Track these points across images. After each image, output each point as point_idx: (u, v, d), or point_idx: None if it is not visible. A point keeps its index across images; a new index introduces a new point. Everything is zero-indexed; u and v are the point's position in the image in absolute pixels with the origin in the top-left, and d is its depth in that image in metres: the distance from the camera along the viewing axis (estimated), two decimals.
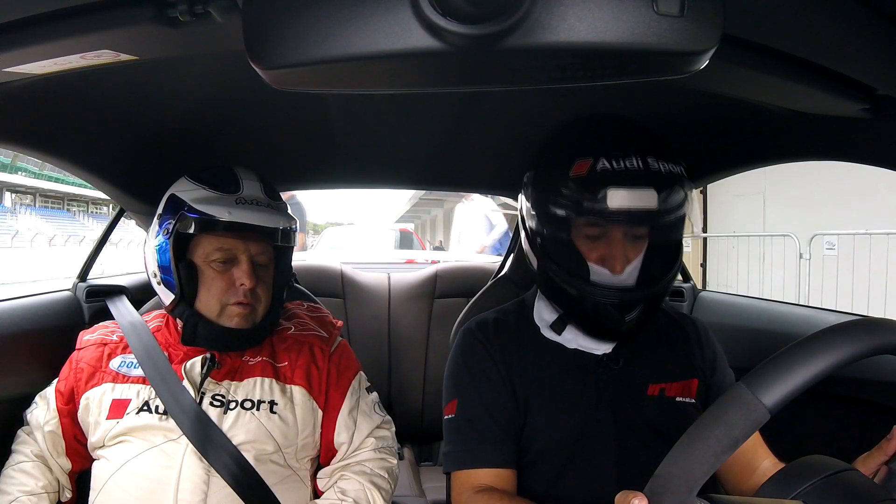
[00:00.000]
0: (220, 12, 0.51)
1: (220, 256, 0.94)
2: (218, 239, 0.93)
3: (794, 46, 0.59)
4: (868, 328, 0.48)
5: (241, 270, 0.94)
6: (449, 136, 1.19)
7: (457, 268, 2.01)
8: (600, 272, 0.82)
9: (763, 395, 0.45)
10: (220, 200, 0.93)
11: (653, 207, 0.76)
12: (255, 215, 0.93)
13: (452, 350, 0.95)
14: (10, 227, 23.63)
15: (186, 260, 0.94)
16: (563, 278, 0.82)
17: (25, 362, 0.99)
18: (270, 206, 0.96)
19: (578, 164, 0.77)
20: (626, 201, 0.75)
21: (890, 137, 0.73)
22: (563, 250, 0.83)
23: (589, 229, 0.81)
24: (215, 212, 0.91)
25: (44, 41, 0.55)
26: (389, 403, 1.83)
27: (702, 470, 0.45)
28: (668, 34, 0.44)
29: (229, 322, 0.94)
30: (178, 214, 0.92)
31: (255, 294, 0.95)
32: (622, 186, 0.75)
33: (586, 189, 0.77)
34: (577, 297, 0.82)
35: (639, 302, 0.81)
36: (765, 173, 5.00)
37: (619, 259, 0.81)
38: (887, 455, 0.61)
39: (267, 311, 0.98)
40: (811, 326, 1.17)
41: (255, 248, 0.95)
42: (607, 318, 0.81)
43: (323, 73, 0.48)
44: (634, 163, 0.76)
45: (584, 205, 0.78)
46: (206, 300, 0.94)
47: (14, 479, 0.93)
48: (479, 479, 0.85)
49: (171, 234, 0.92)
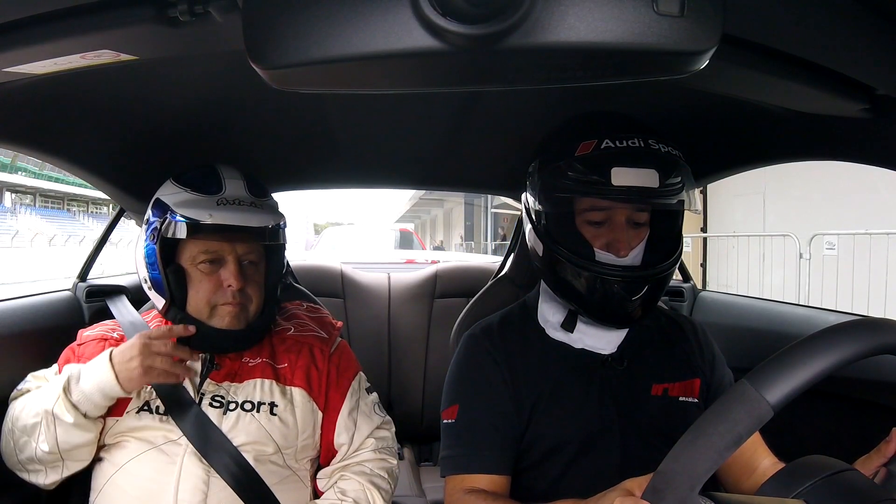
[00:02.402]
0: (220, 12, 0.51)
1: (206, 258, 0.93)
2: (203, 242, 0.93)
3: (794, 46, 0.59)
4: (871, 328, 0.48)
5: (228, 271, 0.93)
6: (449, 136, 1.19)
7: (457, 268, 2.01)
8: (605, 257, 0.83)
9: (767, 393, 0.45)
10: (201, 203, 0.92)
11: (655, 186, 0.78)
12: (238, 215, 0.91)
13: (456, 354, 0.95)
14: (10, 227, 23.64)
15: (175, 264, 0.94)
16: (571, 259, 0.83)
17: (25, 362, 0.99)
18: (254, 205, 0.94)
19: (583, 145, 0.80)
20: (630, 179, 0.77)
21: (890, 137, 0.74)
22: (568, 236, 0.85)
23: (592, 214, 0.83)
24: (196, 215, 0.90)
25: (44, 41, 0.56)
26: (389, 404, 1.83)
27: (705, 466, 0.45)
28: (668, 34, 0.44)
29: (221, 323, 0.94)
30: (163, 219, 0.92)
31: (244, 294, 0.95)
32: (625, 165, 0.78)
33: (591, 168, 0.79)
34: (584, 278, 0.83)
35: (643, 283, 0.82)
36: (765, 173, 5.01)
37: (623, 243, 0.82)
38: (886, 457, 0.61)
39: (260, 309, 0.98)
40: (811, 326, 1.17)
41: (241, 249, 0.95)
42: (614, 300, 0.82)
43: (323, 73, 0.48)
44: (637, 142, 0.78)
45: (588, 184, 0.80)
46: (195, 303, 0.94)
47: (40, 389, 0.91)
48: (474, 483, 0.85)
49: (157, 240, 0.92)
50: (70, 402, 0.85)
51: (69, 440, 0.86)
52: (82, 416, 0.85)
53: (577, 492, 0.85)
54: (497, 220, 15.03)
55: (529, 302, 0.98)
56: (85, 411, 0.85)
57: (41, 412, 0.85)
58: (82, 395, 0.85)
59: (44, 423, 0.85)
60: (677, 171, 0.81)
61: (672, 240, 0.87)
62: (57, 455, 0.87)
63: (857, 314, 1.32)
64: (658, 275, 0.83)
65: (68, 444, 0.86)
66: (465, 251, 14.62)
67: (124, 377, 0.85)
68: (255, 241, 0.95)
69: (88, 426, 0.87)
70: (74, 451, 0.88)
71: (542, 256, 0.88)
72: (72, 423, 0.84)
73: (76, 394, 0.85)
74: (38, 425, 0.85)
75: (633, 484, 0.58)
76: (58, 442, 0.85)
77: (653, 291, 0.83)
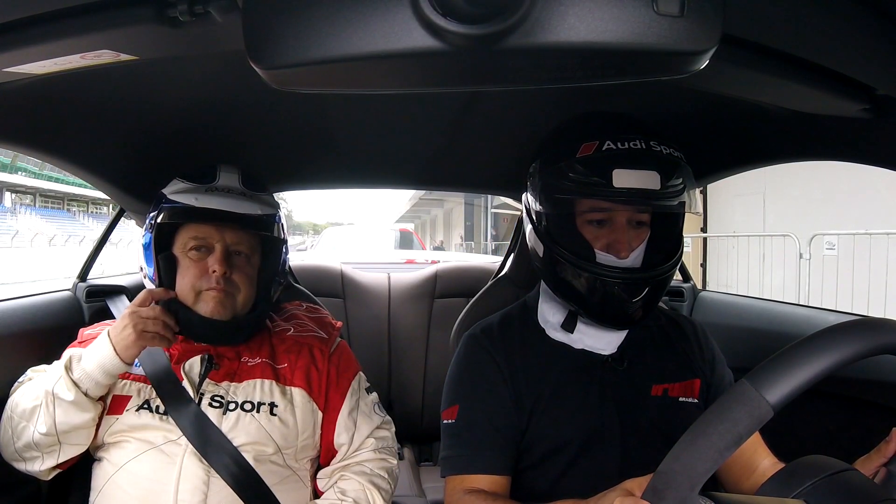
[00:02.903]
0: (220, 12, 0.51)
1: (195, 244, 0.96)
2: (193, 227, 0.96)
3: (794, 46, 0.59)
4: (871, 328, 0.48)
5: (214, 258, 0.95)
6: (449, 136, 1.19)
7: (457, 268, 2.01)
8: (606, 258, 0.83)
9: (767, 393, 0.45)
10: (191, 189, 0.96)
11: (657, 188, 0.78)
12: (224, 201, 0.94)
13: (456, 354, 0.95)
14: (10, 227, 23.63)
15: (168, 252, 0.97)
16: (571, 260, 0.83)
17: (25, 362, 0.99)
18: (244, 195, 0.97)
19: (584, 147, 0.80)
20: (631, 181, 0.77)
21: (890, 137, 0.74)
22: (569, 237, 0.85)
23: (593, 214, 0.83)
24: (184, 199, 0.94)
25: (44, 41, 0.56)
26: (389, 403, 1.83)
27: (705, 466, 0.45)
28: (668, 34, 0.44)
29: (205, 308, 0.94)
30: (158, 208, 0.96)
31: (230, 282, 0.95)
32: (626, 167, 0.78)
33: (592, 169, 0.79)
34: (585, 279, 0.83)
35: (644, 285, 0.82)
36: (765, 173, 5.00)
37: (624, 244, 0.82)
38: (886, 457, 0.61)
39: (250, 303, 0.98)
40: (811, 326, 1.17)
41: (231, 237, 0.96)
42: (615, 302, 0.82)
43: (323, 73, 0.48)
44: (638, 143, 0.78)
45: (590, 185, 0.80)
46: (181, 287, 0.95)
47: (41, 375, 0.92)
48: (474, 484, 0.85)
49: (154, 228, 0.96)
50: (71, 380, 0.86)
51: (68, 420, 0.86)
52: (83, 395, 0.86)
53: (577, 492, 0.85)
54: (497, 220, 15.03)
55: (529, 302, 0.98)
56: (86, 389, 0.87)
57: (41, 394, 0.87)
58: (83, 372, 0.86)
59: (43, 405, 0.86)
60: (679, 172, 0.81)
61: (673, 240, 0.87)
62: (54, 437, 0.87)
63: (857, 314, 1.32)
64: (658, 276, 0.83)
65: (66, 425, 0.87)
66: (465, 251, 14.63)
67: (121, 347, 0.87)
68: (243, 228, 0.96)
69: (87, 406, 0.88)
70: (72, 434, 0.88)
71: (543, 257, 0.88)
72: (72, 400, 0.85)
73: (77, 371, 0.87)
74: (38, 408, 0.86)
75: (633, 484, 0.58)
76: (55, 422, 0.86)
77: (653, 293, 0.83)
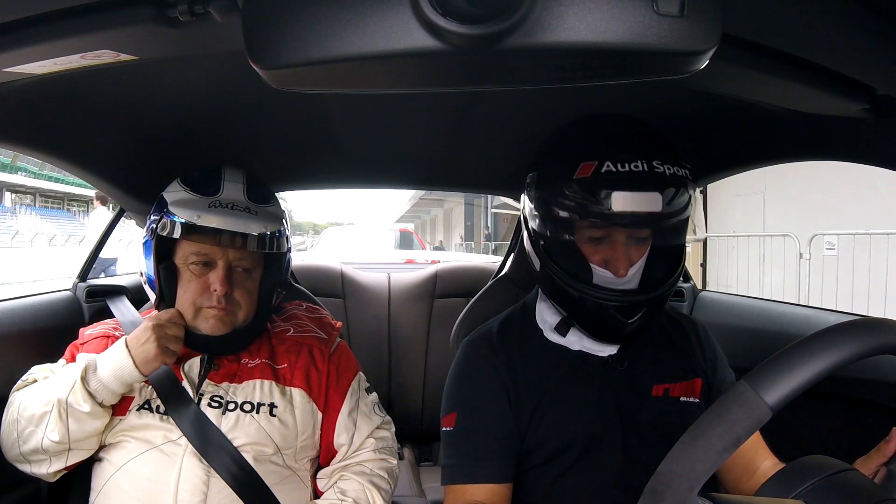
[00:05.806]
0: (220, 12, 0.51)
1: (197, 260, 0.93)
2: (196, 243, 0.92)
3: (794, 46, 0.59)
4: (870, 328, 0.48)
5: (216, 276, 0.92)
6: (449, 136, 1.19)
7: (457, 268, 2.01)
8: (603, 274, 0.81)
9: (765, 394, 0.45)
10: (194, 203, 0.91)
11: (657, 211, 0.75)
12: (229, 220, 0.89)
13: (455, 361, 0.94)
14: (10, 227, 23.63)
15: (168, 261, 0.94)
16: (566, 280, 0.82)
17: (26, 362, 0.99)
18: (248, 211, 0.92)
19: (583, 167, 0.76)
20: (631, 205, 0.75)
21: (890, 137, 0.74)
22: (565, 252, 0.83)
23: (592, 231, 0.81)
24: (187, 215, 0.89)
25: (44, 41, 0.56)
26: (389, 404, 1.83)
27: (704, 468, 0.45)
28: (668, 34, 0.44)
29: (205, 325, 0.93)
30: (159, 216, 0.92)
31: (232, 300, 0.93)
32: (626, 189, 0.75)
33: (590, 192, 0.76)
34: (580, 299, 0.82)
35: (641, 306, 0.81)
36: (765, 173, 5.00)
37: (623, 261, 0.80)
38: (886, 456, 0.61)
39: (250, 317, 0.97)
40: (811, 326, 1.17)
41: (234, 254, 0.93)
42: (610, 322, 0.81)
43: (323, 73, 0.48)
44: (640, 165, 0.75)
45: (587, 207, 0.77)
46: (181, 301, 0.93)
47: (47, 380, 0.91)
48: (474, 494, 0.85)
49: (154, 236, 0.93)
50: (87, 391, 0.85)
51: (82, 429, 0.86)
52: (98, 405, 0.86)
53: (577, 492, 0.86)
54: (496, 221, 15.03)
55: (529, 303, 0.97)
56: (101, 400, 0.86)
57: (52, 401, 0.85)
58: (100, 383, 0.86)
59: (54, 413, 0.85)
60: (682, 191, 0.78)
61: (675, 253, 0.85)
62: (66, 445, 0.87)
63: (857, 314, 1.32)
64: (656, 297, 0.81)
65: (80, 434, 0.87)
66: (465, 251, 14.63)
67: (141, 360, 0.86)
68: (247, 248, 0.92)
69: (101, 414, 0.88)
70: (84, 441, 0.88)
71: (539, 270, 0.87)
72: (87, 412, 0.85)
73: (94, 382, 0.86)
74: (48, 415, 0.85)
75: None
76: (69, 431, 0.86)
77: (650, 313, 0.82)
